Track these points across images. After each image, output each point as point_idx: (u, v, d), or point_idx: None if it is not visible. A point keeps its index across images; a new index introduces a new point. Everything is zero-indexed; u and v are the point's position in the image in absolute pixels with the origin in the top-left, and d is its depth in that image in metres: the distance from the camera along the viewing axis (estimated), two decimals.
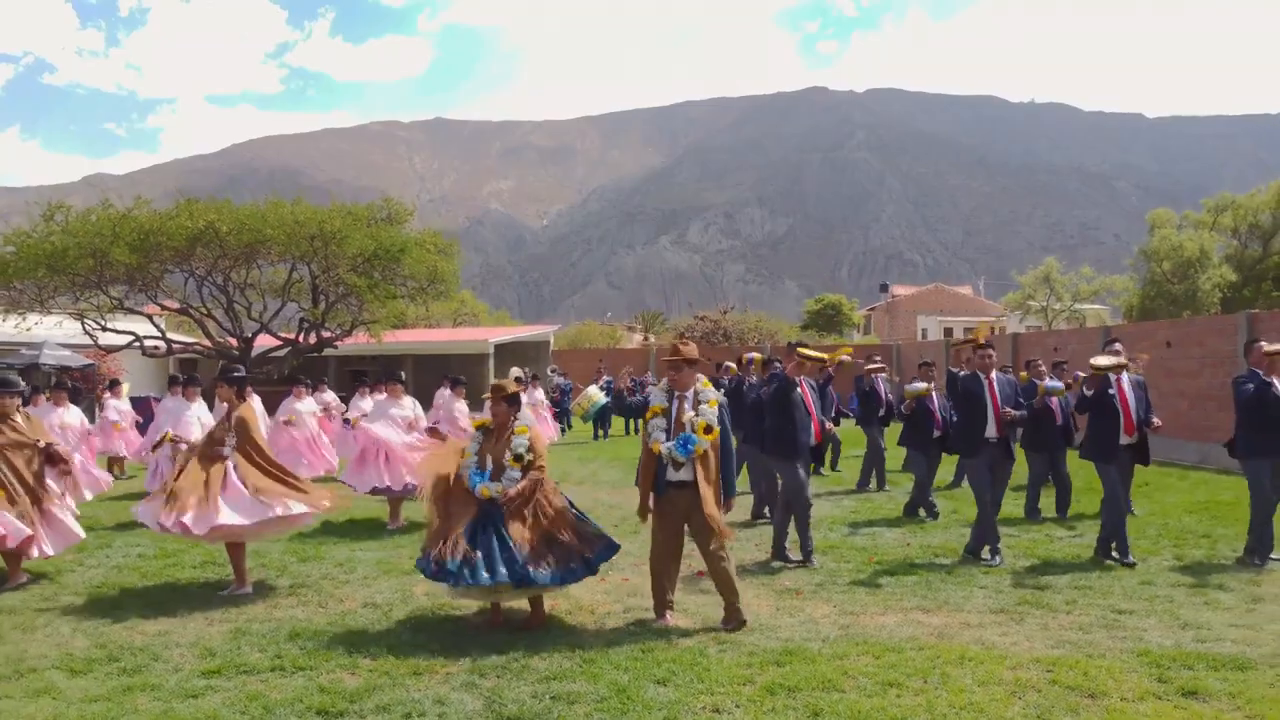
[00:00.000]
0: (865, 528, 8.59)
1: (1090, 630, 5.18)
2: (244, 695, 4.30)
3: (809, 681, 4.35)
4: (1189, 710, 3.99)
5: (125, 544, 8.10)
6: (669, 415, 5.46)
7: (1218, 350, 14.26)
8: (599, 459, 15.71)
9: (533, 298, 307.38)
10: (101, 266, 18.22)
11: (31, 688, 4.47)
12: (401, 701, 4.16)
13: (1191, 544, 7.58)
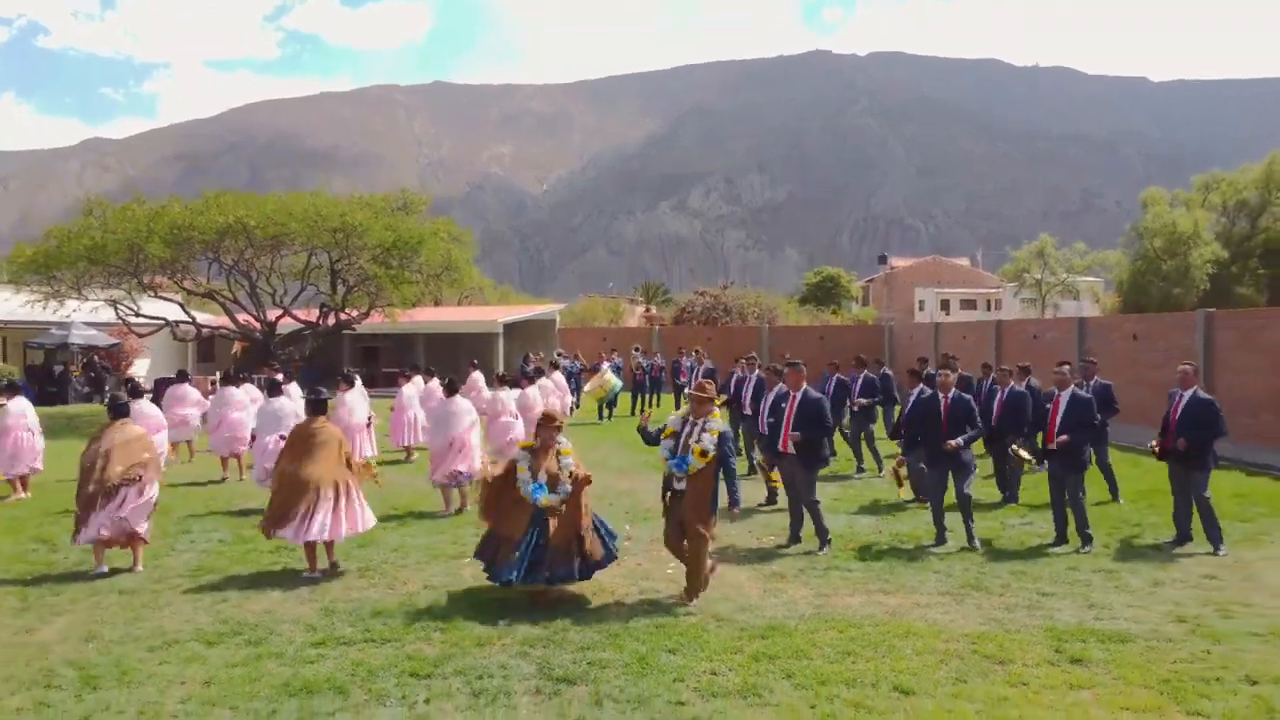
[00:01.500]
0: (846, 516, 9.85)
1: (1014, 610, 6.45)
2: (349, 662, 5.56)
3: (785, 651, 5.62)
4: (1072, 674, 5.26)
5: (202, 530, 9.35)
6: (678, 438, 6.69)
7: (1179, 344, 15.44)
8: (609, 441, 16.95)
9: (533, 264, 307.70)
10: (137, 259, 19.38)
11: (181, 655, 5.74)
12: (473, 666, 5.43)
13: (1124, 532, 8.84)
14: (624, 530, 8.97)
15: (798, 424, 8.28)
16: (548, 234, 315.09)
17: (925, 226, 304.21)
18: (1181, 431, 8.22)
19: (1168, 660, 5.45)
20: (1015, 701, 4.88)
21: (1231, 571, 7.46)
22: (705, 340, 31.05)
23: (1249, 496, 10.65)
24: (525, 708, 4.88)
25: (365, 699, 5.00)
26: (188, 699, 5.04)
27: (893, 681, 5.15)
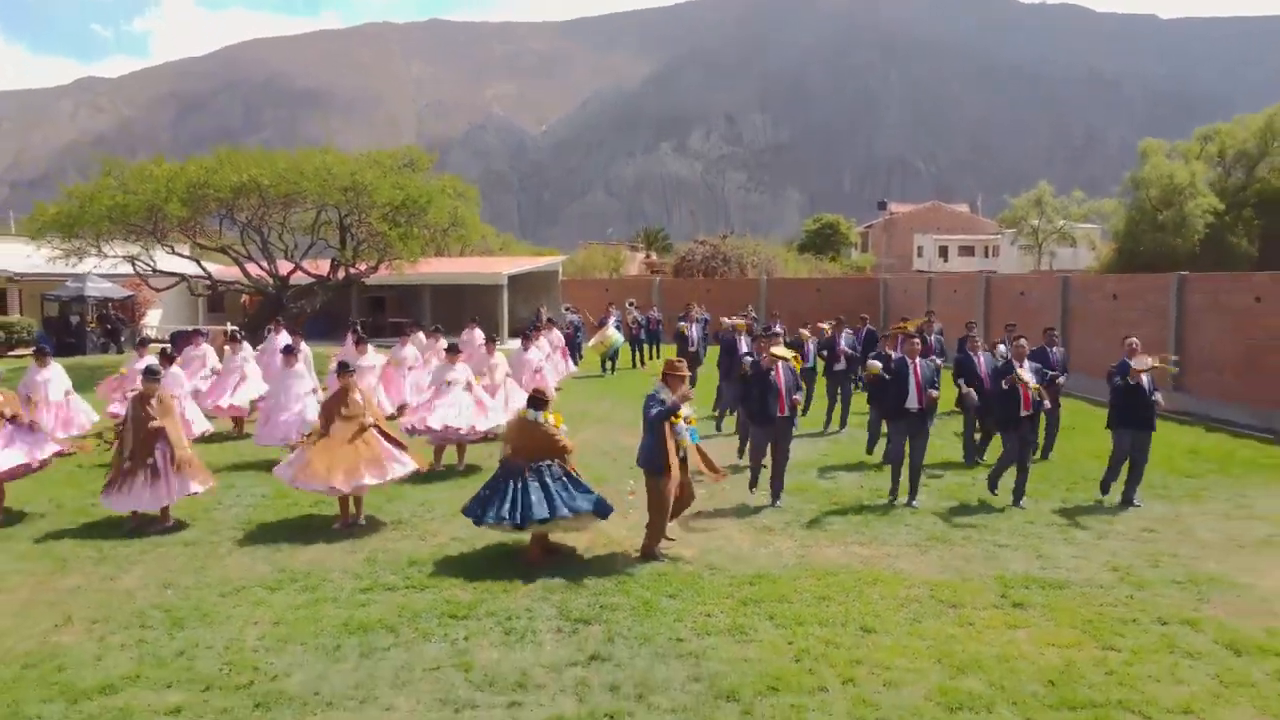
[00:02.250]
0: (831, 472, 10.76)
1: (971, 560, 7.37)
2: (395, 606, 6.49)
3: (770, 596, 6.55)
4: (1012, 616, 6.18)
5: (245, 486, 10.24)
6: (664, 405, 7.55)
7: (1156, 304, 16.23)
8: (612, 395, 17.83)
9: (533, 205, 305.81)
10: (156, 218, 20.05)
11: (249, 599, 6.66)
12: (504, 609, 6.35)
13: (1080, 488, 9.75)
14: (628, 485, 9.88)
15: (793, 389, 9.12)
16: (547, 175, 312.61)
17: (927, 167, 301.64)
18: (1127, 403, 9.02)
19: (1095, 604, 6.38)
20: (960, 639, 5.80)
21: (1169, 525, 8.39)
22: (705, 292, 31.82)
23: (1201, 453, 11.56)
24: (549, 644, 5.81)
25: (413, 637, 5.93)
26: (263, 636, 5.96)
27: (859, 622, 6.08)
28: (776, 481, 9.22)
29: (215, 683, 5.26)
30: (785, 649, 5.68)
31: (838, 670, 5.34)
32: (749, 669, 5.38)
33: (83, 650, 5.75)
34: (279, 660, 5.58)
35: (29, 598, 6.76)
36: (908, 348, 9.40)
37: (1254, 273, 15.72)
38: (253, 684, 5.25)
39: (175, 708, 4.97)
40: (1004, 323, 21.18)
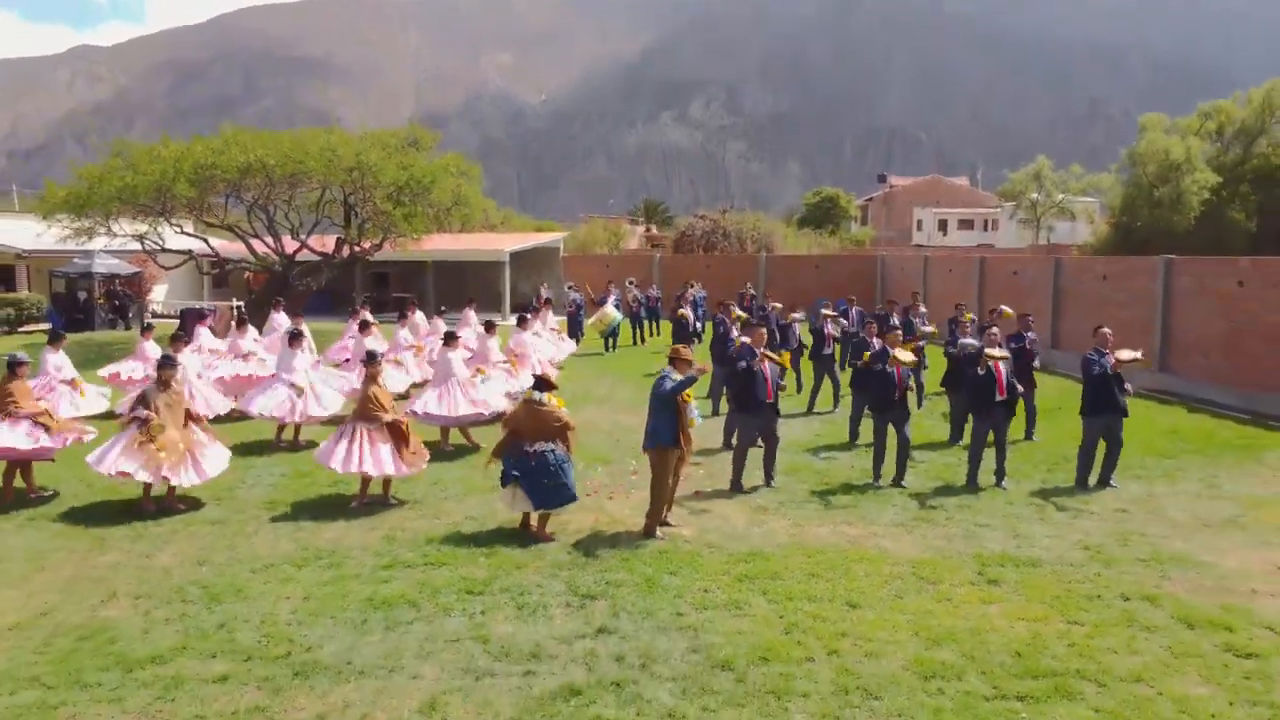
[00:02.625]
0: (824, 452, 11.23)
1: (952, 539, 7.87)
2: (416, 581, 6.98)
3: (763, 573, 7.04)
4: (987, 592, 6.68)
5: (263, 467, 10.72)
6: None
7: (1144, 286, 16.63)
8: (613, 374, 18.28)
9: (533, 175, 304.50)
10: (165, 198, 20.40)
11: (278, 576, 7.15)
12: (516, 585, 6.84)
13: (1060, 470, 10.23)
14: (631, 465, 10.37)
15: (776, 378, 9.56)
16: (547, 144, 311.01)
17: (928, 138, 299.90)
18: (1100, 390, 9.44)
19: (1065, 581, 6.88)
20: (937, 614, 6.30)
21: (1141, 505, 8.88)
22: (704, 268, 32.21)
23: (1181, 434, 12.04)
24: (559, 618, 6.30)
25: (434, 611, 6.42)
26: (295, 610, 6.46)
27: (845, 598, 6.57)
28: (770, 463, 9.68)
29: (255, 653, 5.76)
30: (776, 622, 6.18)
31: (824, 642, 5.83)
32: (743, 641, 5.88)
33: (130, 624, 6.25)
34: (311, 633, 6.07)
35: (73, 574, 7.25)
36: (890, 339, 9.85)
37: (1238, 257, 16.09)
38: (289, 654, 5.75)
39: (221, 676, 5.46)
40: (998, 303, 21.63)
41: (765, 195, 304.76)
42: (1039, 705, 5.02)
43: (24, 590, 6.91)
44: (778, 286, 30.67)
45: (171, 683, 5.38)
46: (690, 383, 7.92)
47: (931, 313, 23.12)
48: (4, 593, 6.86)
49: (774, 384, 9.43)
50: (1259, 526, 8.19)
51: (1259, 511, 8.61)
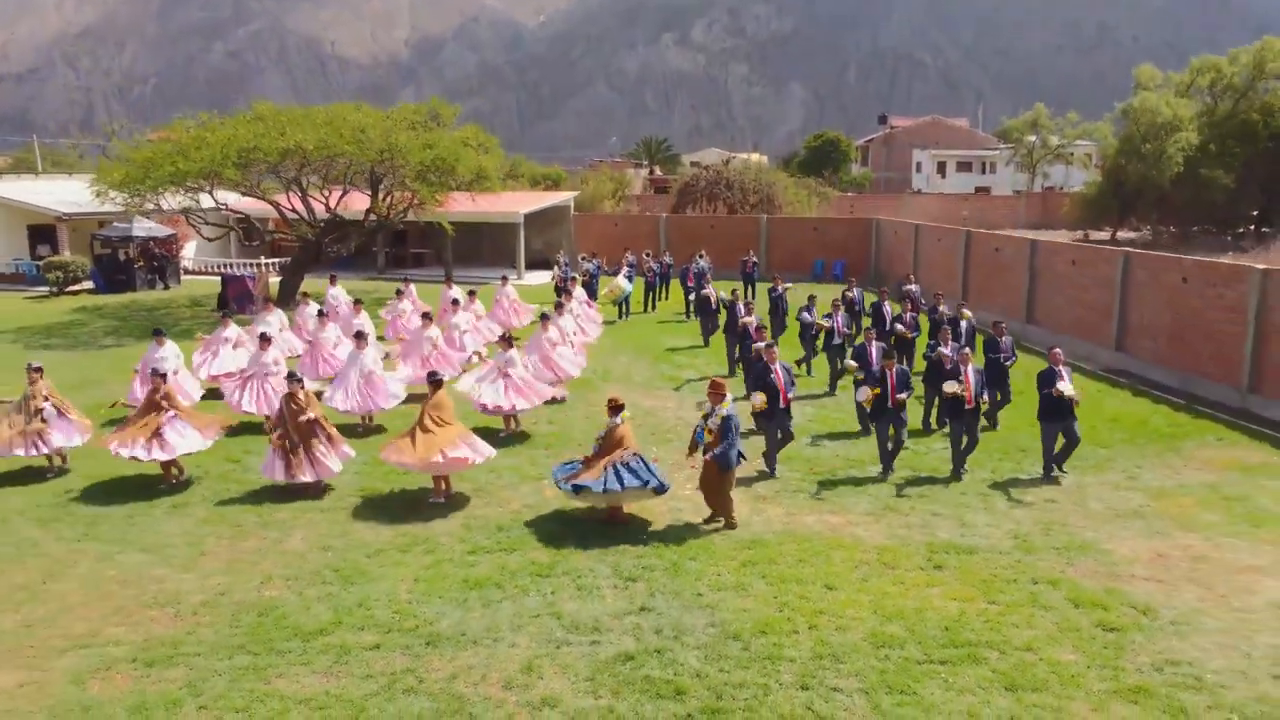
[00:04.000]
0: (817, 440, 13.29)
1: (911, 528, 9.98)
2: (496, 566, 9.09)
3: (762, 558, 9.16)
4: (932, 576, 8.79)
5: None
6: (706, 417, 9.95)
7: (1106, 274, 18.51)
8: (628, 348, 20.25)
9: (531, 100, 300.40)
10: (213, 181, 22.11)
11: (389, 560, 9.27)
12: (574, 568, 8.96)
13: (1011, 460, 12.31)
14: (652, 452, 12.43)
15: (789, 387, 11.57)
16: (546, 69, 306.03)
17: (934, 61, 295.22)
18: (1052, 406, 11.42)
19: (993, 567, 9.00)
20: (892, 595, 8.43)
21: (1069, 496, 10.98)
22: (709, 228, 33.92)
23: (1120, 422, 14.10)
24: (610, 597, 8.43)
25: (515, 591, 8.55)
26: (410, 591, 8.59)
27: (824, 581, 8.70)
28: (773, 457, 11.76)
29: (393, 626, 7.90)
30: (772, 601, 8.31)
31: (806, 618, 7.97)
32: (747, 616, 8.01)
33: (290, 603, 8.38)
34: (428, 609, 8.21)
35: (228, 558, 9.37)
36: (886, 363, 11.79)
37: (1184, 257, 17.88)
38: (418, 628, 7.89)
39: (374, 645, 7.60)
40: (981, 276, 23.52)
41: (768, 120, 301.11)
42: (955, 668, 7.17)
43: (196, 573, 9.03)
44: (779, 247, 32.48)
45: (340, 650, 7.53)
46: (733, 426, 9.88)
47: (923, 278, 25.09)
48: (183, 575, 8.99)
49: (786, 390, 11.44)
50: (1156, 517, 10.30)
51: (1161, 502, 10.72)
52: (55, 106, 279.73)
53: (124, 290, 30.18)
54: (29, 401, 11.78)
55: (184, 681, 7.07)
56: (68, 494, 11.19)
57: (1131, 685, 6.89)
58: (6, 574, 9.01)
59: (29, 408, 11.67)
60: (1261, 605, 8.17)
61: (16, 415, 11.67)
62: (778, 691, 6.84)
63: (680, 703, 6.71)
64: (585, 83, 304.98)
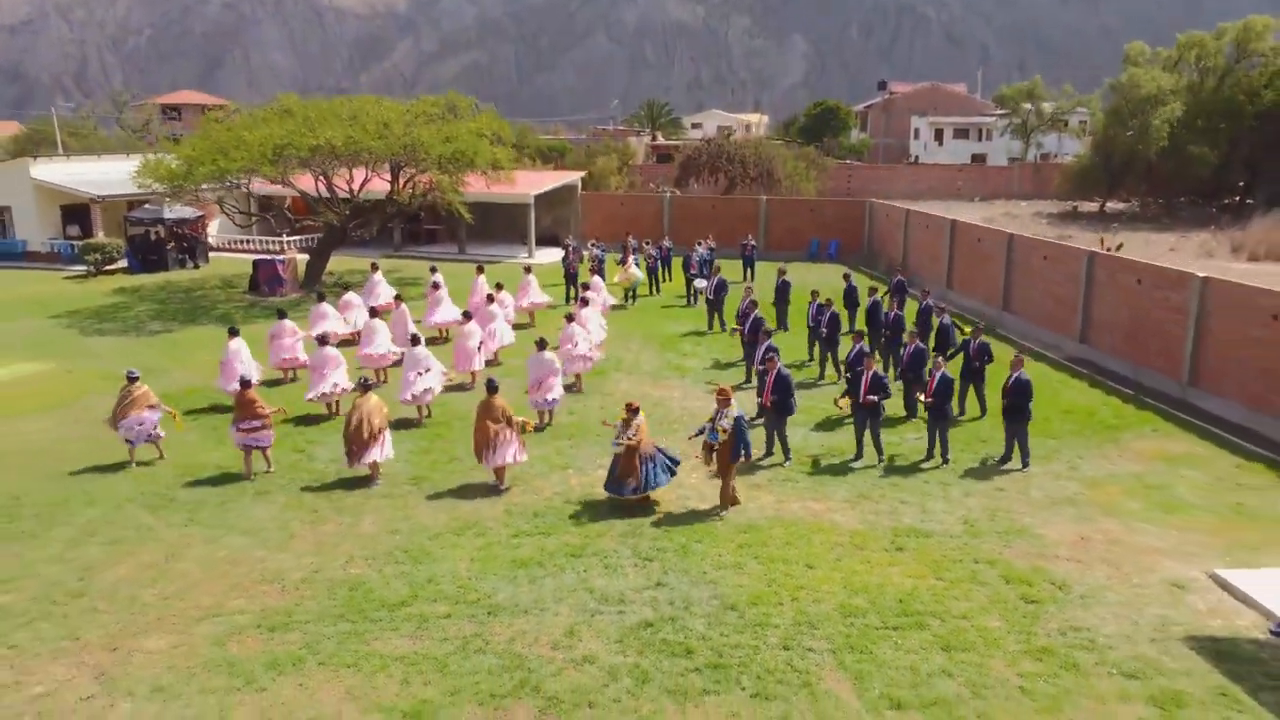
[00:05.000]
0: (804, 430, 15.20)
1: (881, 514, 11.93)
2: (536, 548, 11.04)
3: (755, 541, 11.12)
4: (894, 557, 10.76)
5: (397, 441, 14.63)
6: (714, 419, 11.84)
7: (1073, 272, 20.28)
8: (637, 335, 22.10)
9: (530, 52, 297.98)
10: (250, 177, 23.81)
11: (446, 543, 11.22)
12: (600, 550, 10.92)
13: (973, 449, 14.24)
14: (661, 444, 14.34)
15: (775, 390, 13.44)
16: (544, 20, 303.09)
17: (938, 15, 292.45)
18: (1009, 398, 13.30)
19: (944, 549, 10.96)
20: (860, 572, 10.40)
21: (1016, 484, 12.92)
22: (711, 208, 35.56)
23: (1073, 414, 16.00)
24: (631, 574, 10.40)
25: (554, 569, 10.51)
26: (469, 569, 10.55)
27: (805, 561, 10.67)
28: (775, 441, 13.72)
29: (459, 599, 9.87)
30: (762, 578, 10.28)
31: (789, 592, 9.94)
32: (743, 591, 9.98)
33: (373, 579, 10.35)
34: (485, 585, 10.18)
35: (314, 541, 11.33)
36: (866, 363, 13.64)
37: (1138, 260, 19.65)
38: (479, 600, 9.86)
39: (446, 614, 9.58)
40: (965, 264, 25.26)
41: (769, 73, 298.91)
42: (904, 633, 9.15)
43: (291, 554, 11.00)
44: (777, 227, 34.17)
45: (420, 618, 9.51)
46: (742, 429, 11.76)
47: (912, 262, 26.88)
48: (279, 555, 10.95)
49: (771, 393, 13.35)
50: (1087, 504, 12.26)
51: (1093, 491, 12.68)
52: (49, 59, 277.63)
53: (156, 270, 31.94)
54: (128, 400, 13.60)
55: (301, 643, 9.06)
56: (168, 483, 13.14)
57: (1039, 646, 8.89)
58: (135, 554, 10.99)
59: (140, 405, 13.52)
60: (1156, 582, 10.16)
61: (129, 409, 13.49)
62: (765, 651, 8.83)
63: (690, 660, 8.70)
64: (584, 34, 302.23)
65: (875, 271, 31.15)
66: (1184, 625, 9.27)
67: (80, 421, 16.00)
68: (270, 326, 18.40)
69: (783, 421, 13.65)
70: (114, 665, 8.71)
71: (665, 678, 8.39)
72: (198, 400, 17.04)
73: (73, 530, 11.61)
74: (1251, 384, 14.89)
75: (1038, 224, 45.50)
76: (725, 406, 11.83)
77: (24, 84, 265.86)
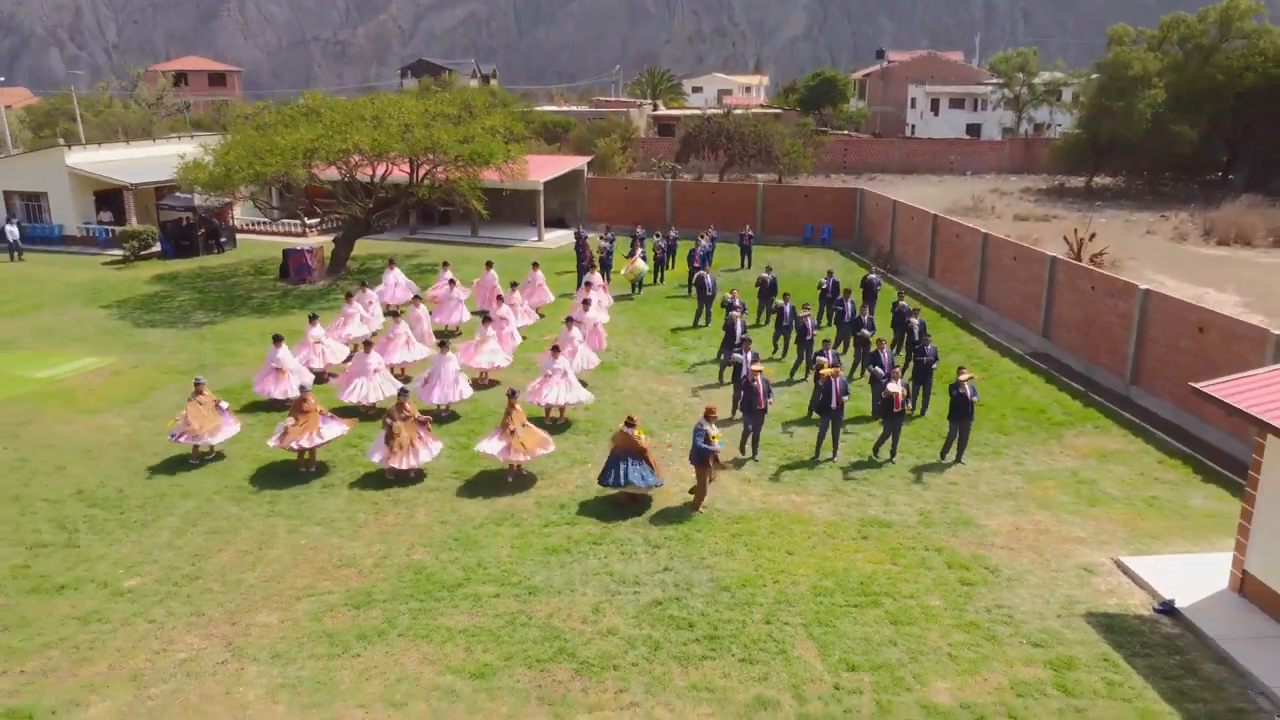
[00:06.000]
0: (786, 426, 17.43)
1: (851, 506, 14.21)
2: (563, 536, 13.33)
3: (745, 531, 13.42)
4: (859, 544, 13.06)
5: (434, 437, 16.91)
6: (699, 429, 14.07)
7: (1038, 274, 22.38)
8: (643, 328, 24.25)
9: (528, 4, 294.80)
10: (286, 181, 25.82)
11: (487, 532, 13.51)
12: (617, 538, 13.21)
13: (933, 444, 16.48)
14: (666, 439, 16.62)
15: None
16: None
17: None
18: (957, 404, 15.49)
19: (901, 538, 13.25)
20: (830, 558, 12.70)
21: (967, 479, 15.20)
22: (710, 194, 37.47)
23: (1026, 410, 18.24)
24: (643, 560, 12.70)
25: (580, 555, 12.81)
26: (510, 555, 12.85)
27: (786, 548, 12.96)
28: (753, 442, 15.95)
29: (504, 581, 12.18)
30: (751, 563, 12.59)
31: (772, 575, 12.25)
32: (734, 574, 12.29)
33: (432, 564, 12.66)
34: (524, 569, 12.49)
35: (378, 530, 13.62)
36: (828, 371, 15.80)
37: (1092, 269, 21.69)
38: (520, 582, 12.17)
39: (495, 594, 11.89)
40: (945, 256, 27.28)
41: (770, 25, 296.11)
42: (861, 610, 11.47)
43: (361, 541, 13.30)
44: (774, 213, 36.13)
45: (474, 598, 11.83)
46: (712, 452, 13.86)
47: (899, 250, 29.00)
48: (352, 544, 13.25)
49: (764, 397, 15.53)
50: (1025, 497, 14.55)
51: (1032, 485, 14.96)
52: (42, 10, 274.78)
53: (188, 255, 33.94)
54: (200, 401, 15.81)
55: (382, 619, 11.38)
56: (243, 477, 15.41)
57: (968, 621, 11.22)
58: (232, 543, 13.28)
59: (209, 406, 15.76)
60: (1070, 567, 12.48)
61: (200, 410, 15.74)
62: (750, 625, 11.16)
63: (691, 632, 11.03)
64: None
65: (865, 258, 33.22)
66: (1086, 603, 11.61)
67: (150, 417, 18.19)
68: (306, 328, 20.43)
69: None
70: (236, 636, 11.04)
71: (672, 646, 10.72)
72: (253, 394, 19.22)
73: (176, 520, 13.91)
74: (1179, 386, 17.09)
75: (1025, 202, 47.41)
76: (711, 420, 13.98)
77: (18, 36, 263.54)
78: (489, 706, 9.73)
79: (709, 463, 13.95)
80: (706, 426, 13.85)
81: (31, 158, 37.64)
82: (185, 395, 18.00)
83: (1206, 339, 16.51)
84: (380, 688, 10.04)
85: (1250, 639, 10.68)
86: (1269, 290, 28.22)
